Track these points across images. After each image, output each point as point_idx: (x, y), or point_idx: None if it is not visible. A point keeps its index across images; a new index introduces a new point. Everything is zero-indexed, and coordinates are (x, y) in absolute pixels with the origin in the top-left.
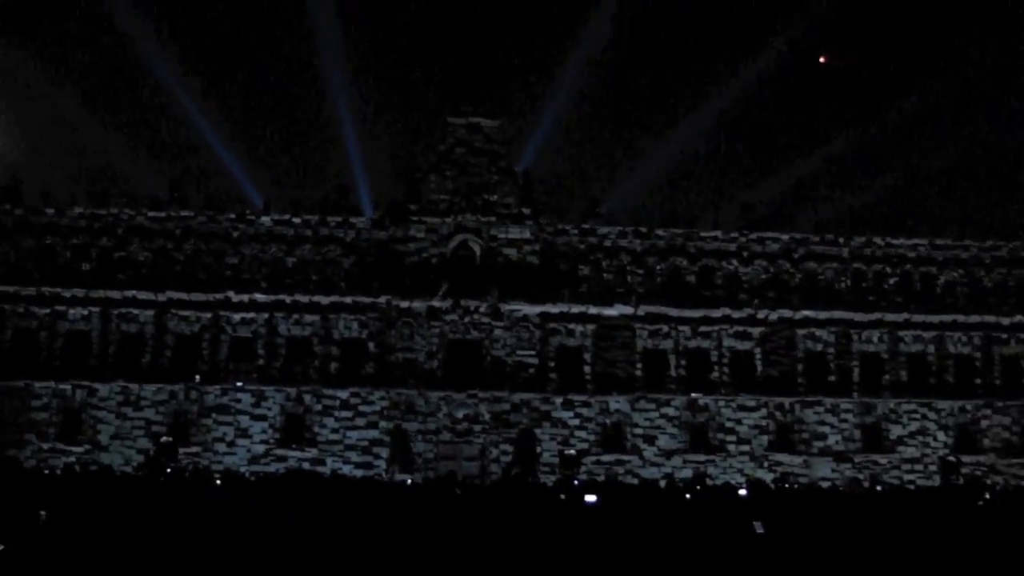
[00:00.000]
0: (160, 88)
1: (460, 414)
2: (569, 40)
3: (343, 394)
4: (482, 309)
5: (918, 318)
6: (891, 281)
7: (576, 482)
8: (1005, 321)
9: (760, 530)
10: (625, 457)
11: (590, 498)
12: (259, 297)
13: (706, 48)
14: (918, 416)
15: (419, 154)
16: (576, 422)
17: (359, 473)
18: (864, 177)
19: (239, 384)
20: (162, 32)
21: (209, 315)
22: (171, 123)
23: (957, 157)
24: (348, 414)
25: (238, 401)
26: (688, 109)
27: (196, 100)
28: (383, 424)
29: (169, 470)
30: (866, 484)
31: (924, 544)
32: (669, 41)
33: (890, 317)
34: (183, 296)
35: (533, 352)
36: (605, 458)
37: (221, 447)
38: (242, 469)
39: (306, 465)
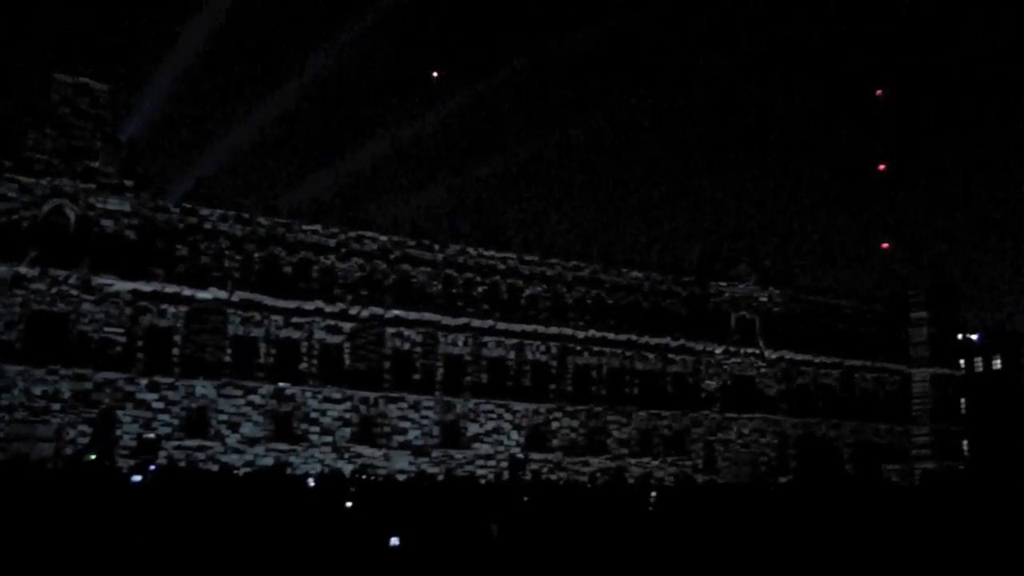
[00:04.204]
0: None
1: (38, 391)
2: (185, 16)
3: None
4: (72, 280)
5: (501, 326)
6: (479, 289)
7: (153, 467)
8: (580, 334)
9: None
10: (208, 443)
11: (136, 477)
12: None
13: (308, 29)
14: (495, 416)
15: (19, 107)
16: (161, 405)
17: None
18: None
19: None
20: None
21: None
22: None
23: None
24: None
25: None
26: (285, 92)
27: None
28: None
29: None
30: (440, 478)
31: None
32: (279, 19)
33: (476, 323)
34: None
35: (122, 330)
36: (188, 443)
37: None
38: None
39: None
